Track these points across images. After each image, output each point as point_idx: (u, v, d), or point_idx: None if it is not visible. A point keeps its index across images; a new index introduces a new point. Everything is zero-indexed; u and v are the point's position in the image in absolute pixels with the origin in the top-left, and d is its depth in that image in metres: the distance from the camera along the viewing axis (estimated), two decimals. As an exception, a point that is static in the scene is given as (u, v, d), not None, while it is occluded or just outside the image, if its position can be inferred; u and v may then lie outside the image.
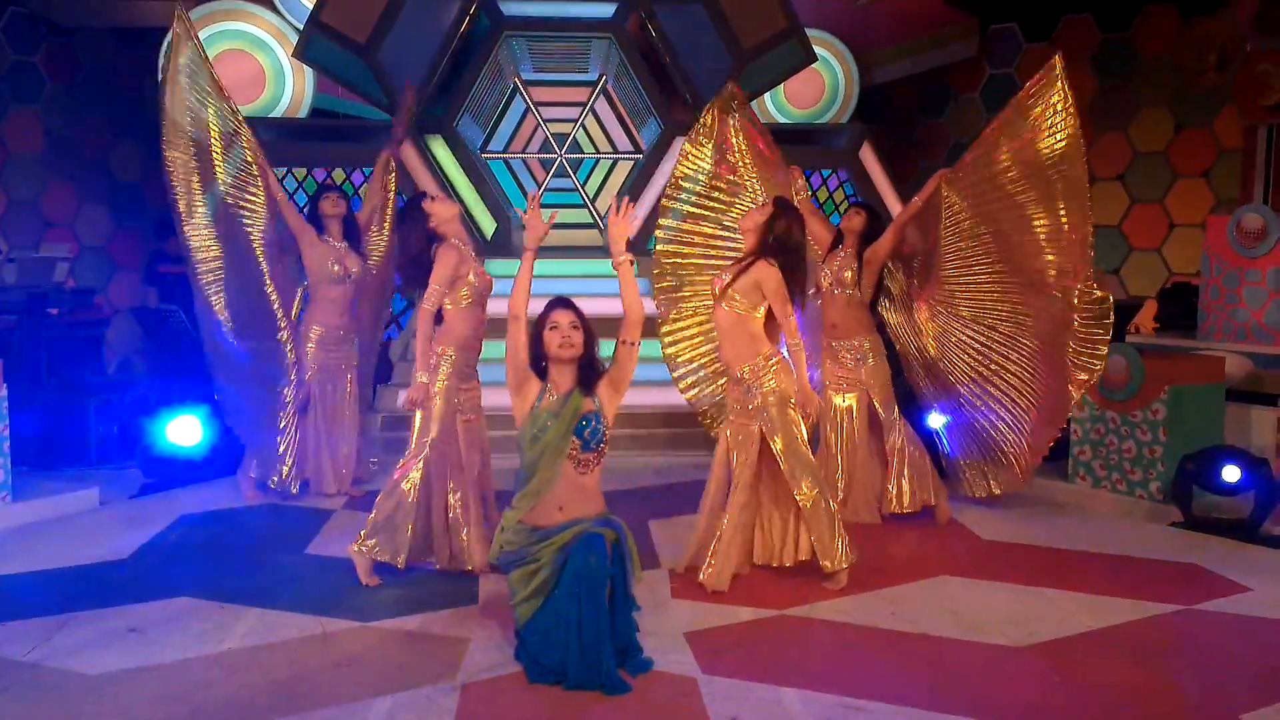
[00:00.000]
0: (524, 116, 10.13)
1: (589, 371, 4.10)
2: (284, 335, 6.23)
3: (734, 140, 6.01)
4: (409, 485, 4.97)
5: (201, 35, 9.57)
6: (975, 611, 4.59)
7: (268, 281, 6.17)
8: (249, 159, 6.17)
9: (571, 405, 4.01)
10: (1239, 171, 9.73)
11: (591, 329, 4.13)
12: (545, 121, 10.14)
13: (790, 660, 4.08)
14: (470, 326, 5.12)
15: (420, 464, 4.98)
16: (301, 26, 9.30)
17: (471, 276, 5.09)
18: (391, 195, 6.84)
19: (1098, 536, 5.76)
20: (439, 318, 5.11)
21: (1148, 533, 5.85)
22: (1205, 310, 7.72)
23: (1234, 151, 9.81)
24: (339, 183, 8.99)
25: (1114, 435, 6.33)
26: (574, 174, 10.26)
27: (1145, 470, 6.19)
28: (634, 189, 9.74)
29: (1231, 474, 5.76)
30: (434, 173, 9.21)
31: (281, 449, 6.30)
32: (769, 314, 4.92)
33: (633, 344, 4.12)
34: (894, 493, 6.00)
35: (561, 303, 4.14)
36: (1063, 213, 5.58)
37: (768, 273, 4.83)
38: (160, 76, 6.14)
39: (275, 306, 6.20)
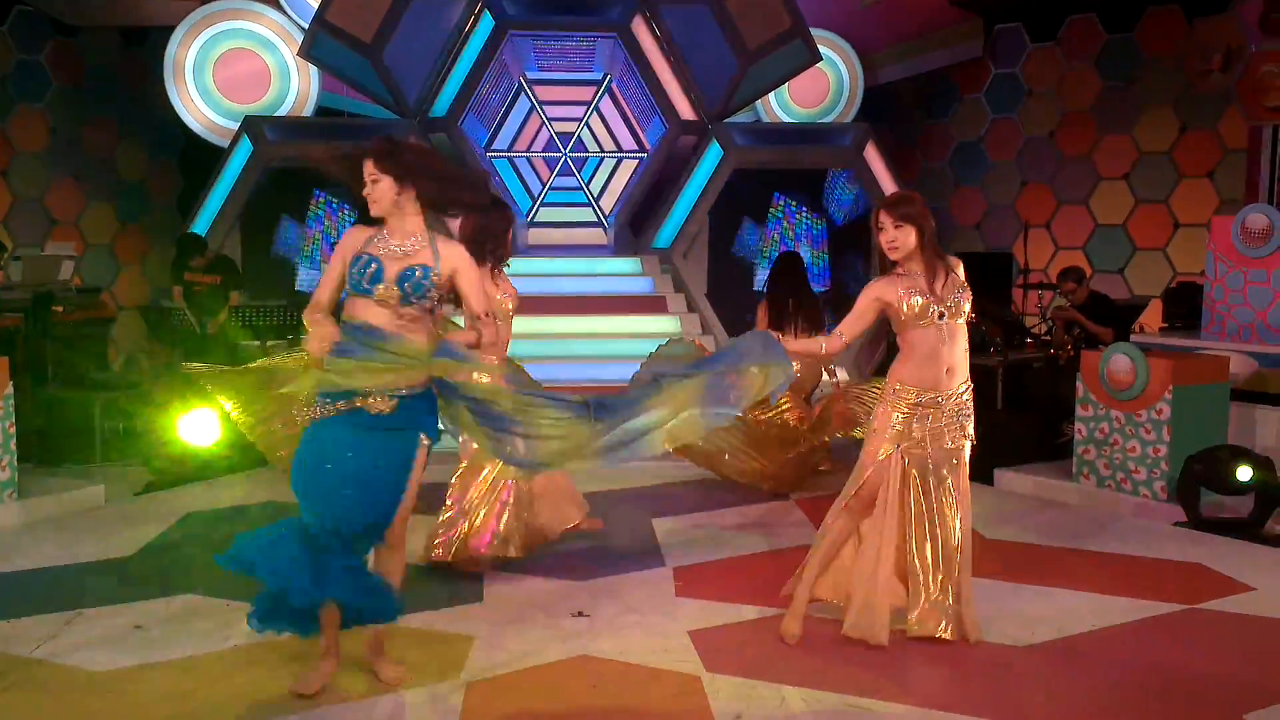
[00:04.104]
0: (529, 115, 10.14)
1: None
2: None
3: None
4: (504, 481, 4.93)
5: (206, 34, 9.71)
6: (979, 610, 4.57)
7: None
8: None
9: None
10: (1243, 171, 9.73)
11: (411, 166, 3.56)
12: (550, 120, 10.15)
13: (794, 659, 4.08)
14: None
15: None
16: (306, 25, 9.33)
17: (499, 295, 4.94)
18: None
19: (1102, 535, 5.76)
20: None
21: (1152, 532, 5.85)
22: (1210, 310, 7.70)
23: (1238, 152, 9.80)
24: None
25: (1118, 434, 6.33)
26: (578, 172, 10.26)
27: (1149, 469, 6.18)
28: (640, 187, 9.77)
29: (1244, 473, 5.74)
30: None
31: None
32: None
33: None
34: None
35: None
36: None
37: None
38: None
39: None
